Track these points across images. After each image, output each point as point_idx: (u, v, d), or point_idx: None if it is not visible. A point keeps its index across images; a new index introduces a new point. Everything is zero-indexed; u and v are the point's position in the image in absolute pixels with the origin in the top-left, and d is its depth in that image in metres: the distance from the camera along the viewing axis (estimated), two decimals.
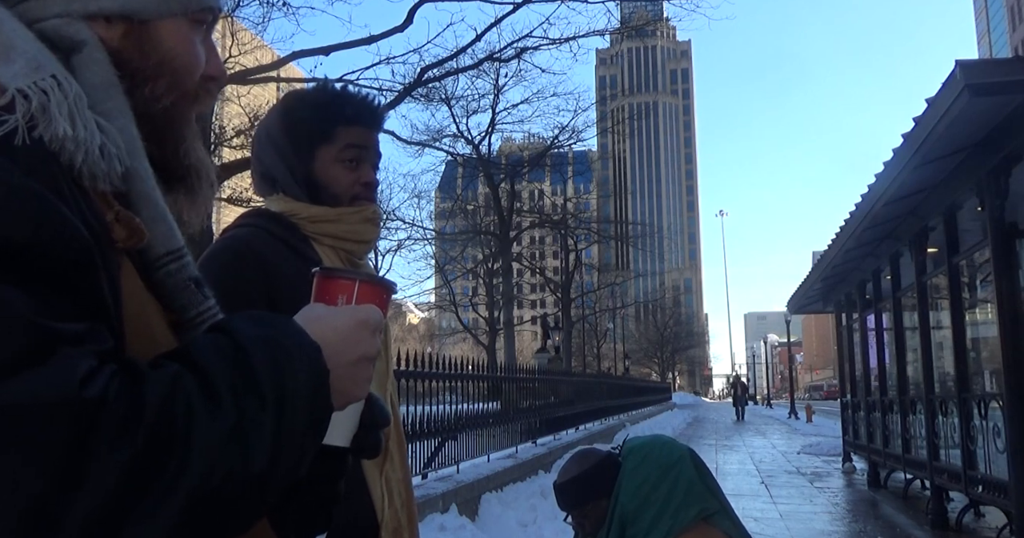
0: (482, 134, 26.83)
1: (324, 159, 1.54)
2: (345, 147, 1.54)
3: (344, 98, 1.58)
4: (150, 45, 0.79)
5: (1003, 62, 5.82)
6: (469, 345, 43.44)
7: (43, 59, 0.70)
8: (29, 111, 0.66)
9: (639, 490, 2.34)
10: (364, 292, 0.85)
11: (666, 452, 2.45)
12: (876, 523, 8.01)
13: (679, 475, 2.36)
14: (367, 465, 1.47)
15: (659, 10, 39.83)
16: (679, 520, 2.27)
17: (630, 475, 2.38)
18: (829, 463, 13.74)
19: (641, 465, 2.40)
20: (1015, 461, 5.79)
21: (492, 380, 8.77)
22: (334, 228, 1.53)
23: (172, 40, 0.80)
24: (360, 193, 1.56)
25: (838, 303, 13.95)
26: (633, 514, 2.30)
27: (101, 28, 0.76)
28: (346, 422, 0.86)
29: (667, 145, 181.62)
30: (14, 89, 0.67)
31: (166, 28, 0.80)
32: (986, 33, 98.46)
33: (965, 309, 7.84)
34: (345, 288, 0.85)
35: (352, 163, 1.56)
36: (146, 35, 0.79)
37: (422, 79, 15.44)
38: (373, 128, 1.59)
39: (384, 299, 0.87)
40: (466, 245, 31.88)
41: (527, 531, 6.34)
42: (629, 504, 2.32)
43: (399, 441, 1.58)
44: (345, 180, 1.55)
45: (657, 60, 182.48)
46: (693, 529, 2.28)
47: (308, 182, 1.55)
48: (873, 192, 7.49)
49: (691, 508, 2.31)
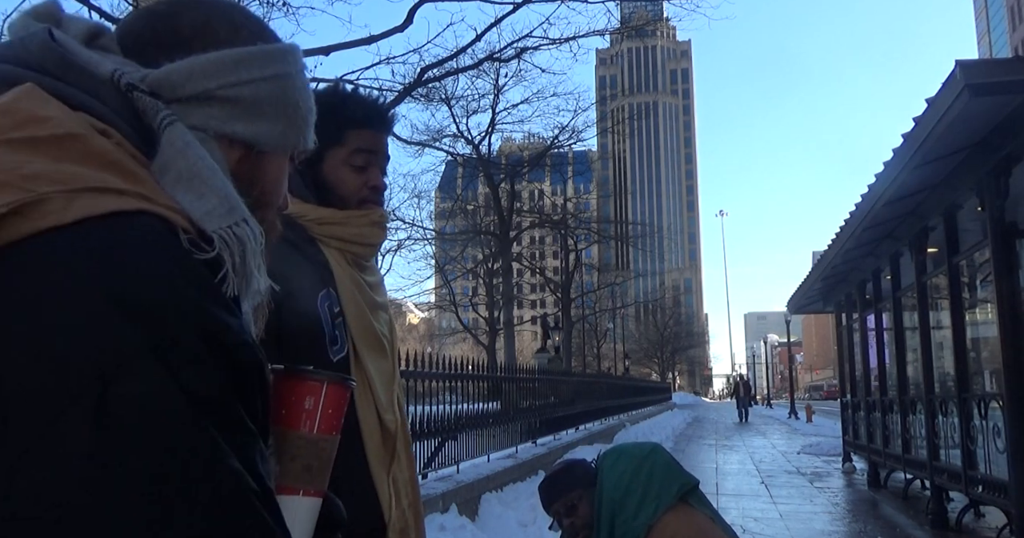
0: (482, 134, 26.81)
1: (333, 162, 1.55)
2: (355, 151, 1.55)
3: (355, 101, 1.58)
4: (260, 174, 0.78)
5: (1003, 62, 5.83)
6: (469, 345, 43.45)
7: (234, 199, 0.67)
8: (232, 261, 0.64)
9: (620, 480, 2.49)
10: (331, 393, 0.84)
11: (638, 447, 2.68)
12: (876, 523, 8.02)
13: (654, 461, 2.54)
14: (374, 466, 1.47)
15: (659, 10, 39.88)
16: (663, 500, 2.43)
17: (609, 470, 2.55)
18: (829, 463, 13.74)
19: (618, 461, 2.57)
20: (1015, 461, 5.80)
21: (492, 380, 8.77)
22: (341, 231, 1.53)
23: (276, 173, 0.80)
24: (368, 196, 1.56)
25: (838, 303, 13.95)
26: (620, 502, 2.44)
27: (224, 148, 0.74)
28: (307, 525, 0.83)
29: (667, 145, 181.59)
30: (215, 234, 0.64)
31: (274, 161, 0.79)
32: (986, 33, 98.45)
33: (965, 309, 7.84)
34: (313, 390, 0.83)
35: (361, 166, 1.56)
36: (259, 164, 0.78)
37: (422, 79, 15.44)
38: (383, 132, 1.59)
39: (346, 398, 0.86)
40: (466, 245, 31.86)
41: (527, 531, 6.33)
42: (614, 494, 2.46)
43: (406, 442, 1.57)
44: (353, 183, 1.55)
45: (657, 60, 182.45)
46: (676, 510, 2.42)
47: (316, 184, 1.55)
48: (873, 192, 7.49)
49: (672, 486, 2.47)
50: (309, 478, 0.83)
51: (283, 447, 0.84)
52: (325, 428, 0.84)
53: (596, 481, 2.54)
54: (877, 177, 7.21)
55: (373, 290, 1.58)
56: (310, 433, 0.83)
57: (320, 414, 0.84)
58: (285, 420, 0.84)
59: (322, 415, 0.84)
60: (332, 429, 0.85)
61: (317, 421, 0.84)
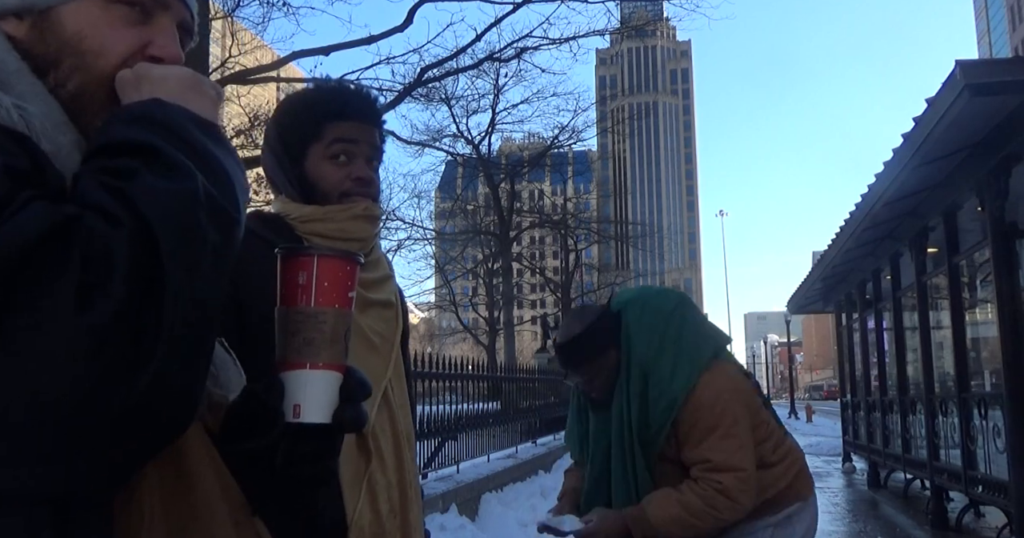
0: (482, 134, 26.81)
1: (314, 158, 1.51)
2: (332, 142, 1.50)
3: (332, 94, 1.54)
4: (51, 31, 0.80)
5: (1003, 62, 5.83)
6: (469, 345, 43.42)
7: None
8: None
9: (651, 339, 2.38)
10: (324, 266, 0.85)
11: (660, 298, 2.51)
12: (876, 523, 8.02)
13: (683, 319, 2.42)
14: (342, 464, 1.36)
15: (659, 10, 39.86)
16: (697, 363, 2.34)
17: (636, 325, 2.41)
18: (829, 463, 13.74)
19: (643, 314, 2.42)
20: (1015, 461, 5.79)
21: (492, 380, 8.77)
22: (322, 227, 1.48)
23: (76, 24, 0.80)
24: (350, 189, 1.50)
25: (838, 303, 13.95)
26: (653, 362, 2.34)
27: (11, 26, 0.79)
28: (321, 397, 0.84)
29: (667, 145, 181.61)
30: None
31: (69, 12, 0.80)
32: (986, 33, 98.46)
33: (965, 309, 7.84)
34: (304, 265, 0.85)
35: (341, 158, 1.50)
36: (47, 22, 0.80)
37: (422, 79, 15.43)
38: (364, 122, 1.53)
39: (348, 271, 0.87)
40: (466, 245, 31.84)
41: (527, 531, 6.34)
42: (647, 353, 2.36)
43: (396, 445, 1.50)
44: (333, 177, 1.50)
45: (657, 60, 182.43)
46: (712, 370, 2.34)
47: (301, 182, 1.52)
48: (873, 192, 7.49)
49: (706, 348, 2.39)
50: (313, 351, 0.84)
51: (285, 325, 0.86)
52: (323, 301, 0.85)
53: (621, 336, 2.40)
54: (877, 177, 7.21)
55: (371, 287, 1.53)
56: (307, 307, 0.84)
57: (316, 288, 0.85)
58: (285, 299, 0.86)
59: (317, 288, 0.85)
60: (332, 302, 0.85)
61: (313, 295, 0.85)
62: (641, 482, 2.35)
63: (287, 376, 0.85)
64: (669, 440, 2.33)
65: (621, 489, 2.38)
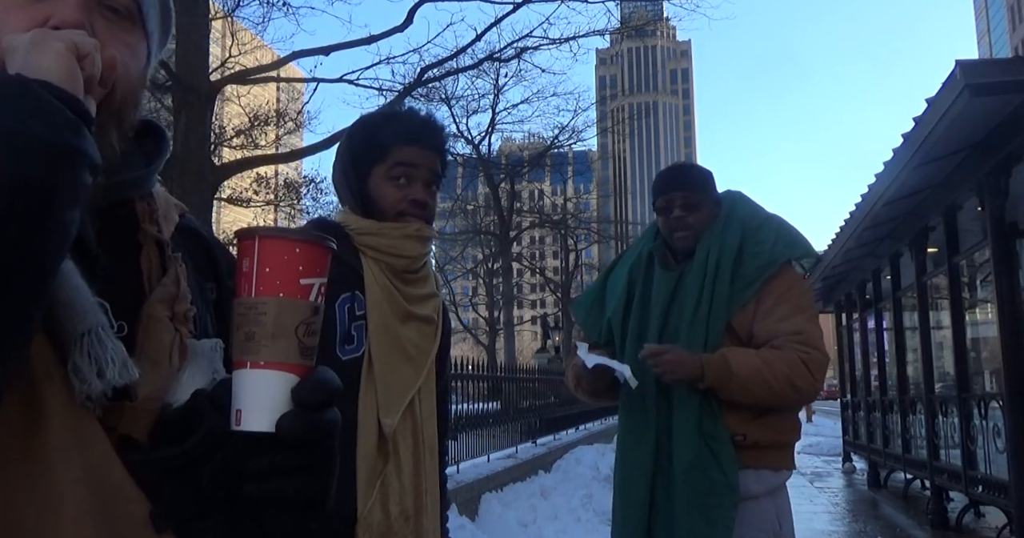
0: (482, 134, 26.84)
1: (376, 178, 1.64)
2: (395, 164, 1.63)
3: (402, 118, 1.69)
4: None
5: (1003, 62, 5.83)
6: (469, 345, 43.40)
7: None
8: None
9: (755, 213, 2.47)
10: (266, 250, 0.73)
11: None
12: (876, 523, 8.02)
13: (782, 218, 2.51)
14: (360, 465, 1.47)
15: (659, 10, 39.80)
16: (794, 249, 2.41)
17: (740, 203, 2.49)
18: (829, 463, 13.75)
19: (745, 199, 2.53)
20: (1015, 461, 5.79)
21: (492, 380, 8.77)
22: (375, 241, 1.61)
23: None
24: (406, 209, 1.64)
25: (838, 303, 13.96)
26: (754, 231, 2.39)
27: None
28: (264, 401, 0.71)
29: (667, 145, 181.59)
30: None
31: None
32: (986, 33, 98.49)
33: (965, 309, 7.84)
34: (247, 250, 0.74)
35: (402, 180, 1.64)
36: None
37: (422, 79, 15.39)
38: (428, 148, 1.66)
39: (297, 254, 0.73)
40: (466, 245, 31.86)
41: (527, 531, 6.34)
42: (750, 220, 2.42)
43: (416, 451, 1.56)
44: (392, 197, 1.63)
45: (657, 60, 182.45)
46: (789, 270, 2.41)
47: (363, 197, 1.65)
48: (873, 192, 7.49)
49: (800, 245, 2.43)
50: (252, 348, 0.72)
51: (233, 320, 0.74)
52: (264, 290, 0.72)
53: (724, 204, 2.45)
54: (877, 177, 7.21)
55: (415, 302, 1.64)
56: (248, 297, 0.73)
57: (256, 274, 0.73)
58: (235, 291, 0.75)
59: (258, 275, 0.72)
60: (275, 290, 0.72)
61: (254, 283, 0.73)
62: (711, 331, 2.29)
63: (234, 377, 0.74)
64: (746, 307, 2.30)
65: (691, 338, 2.30)
